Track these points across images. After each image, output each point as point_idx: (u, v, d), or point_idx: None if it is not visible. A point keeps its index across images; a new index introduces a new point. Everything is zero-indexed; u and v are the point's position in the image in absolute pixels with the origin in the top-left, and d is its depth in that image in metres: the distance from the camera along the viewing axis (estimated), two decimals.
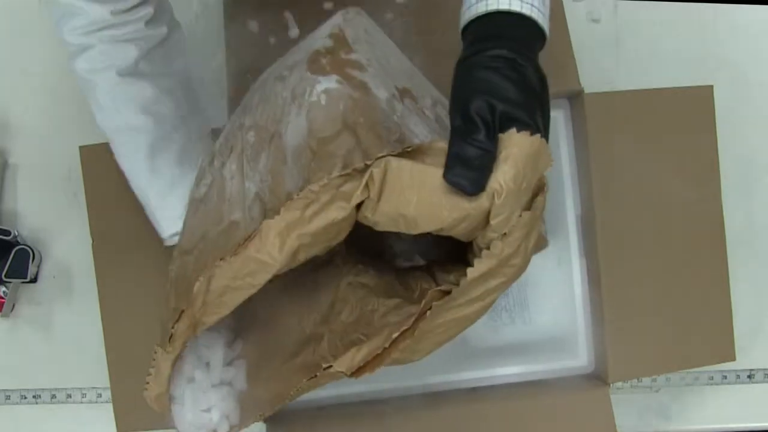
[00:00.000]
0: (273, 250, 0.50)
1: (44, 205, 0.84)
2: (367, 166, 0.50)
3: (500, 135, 0.49)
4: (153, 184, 0.67)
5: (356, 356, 0.56)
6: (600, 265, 0.78)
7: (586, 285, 0.82)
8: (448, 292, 0.53)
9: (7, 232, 0.80)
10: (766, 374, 0.87)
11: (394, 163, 0.50)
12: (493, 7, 0.52)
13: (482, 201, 0.50)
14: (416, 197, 0.51)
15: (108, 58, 0.63)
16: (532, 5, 0.52)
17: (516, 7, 0.52)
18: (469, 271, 0.51)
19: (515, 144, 0.49)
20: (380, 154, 0.50)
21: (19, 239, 0.82)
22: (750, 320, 0.84)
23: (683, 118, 0.80)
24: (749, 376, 0.87)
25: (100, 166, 0.76)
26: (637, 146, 0.79)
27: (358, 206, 0.51)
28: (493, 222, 0.51)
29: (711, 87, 0.80)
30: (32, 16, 0.85)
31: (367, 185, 0.50)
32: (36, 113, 0.85)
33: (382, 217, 0.52)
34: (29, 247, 0.80)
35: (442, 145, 0.51)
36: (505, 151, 0.49)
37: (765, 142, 0.89)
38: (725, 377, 0.86)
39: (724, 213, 0.80)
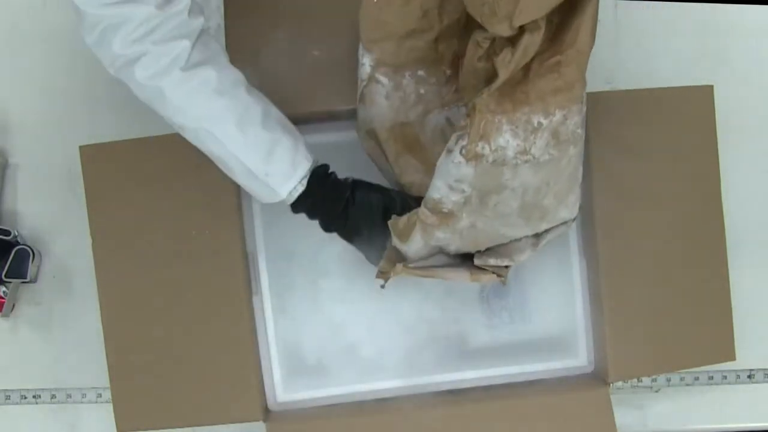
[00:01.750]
0: None
1: (44, 205, 0.84)
2: None
3: None
4: (252, 156, 0.66)
5: None
6: (600, 265, 0.78)
7: (586, 285, 0.82)
8: None
9: (7, 232, 0.80)
10: (766, 374, 0.87)
11: None
12: None
13: None
14: None
15: (165, 59, 0.61)
16: None
17: None
18: None
19: None
20: None
21: (19, 239, 0.82)
22: (750, 320, 0.84)
23: (683, 118, 0.80)
24: (749, 376, 0.87)
25: (100, 166, 0.76)
26: (637, 146, 0.79)
27: None
28: None
29: (711, 87, 0.80)
30: (33, 16, 0.85)
31: None
32: (36, 113, 0.85)
33: None
34: (29, 247, 0.80)
35: None
36: None
37: (765, 142, 0.89)
38: (725, 377, 0.86)
39: (724, 213, 0.80)
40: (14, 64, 0.85)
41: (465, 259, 0.73)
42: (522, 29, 0.60)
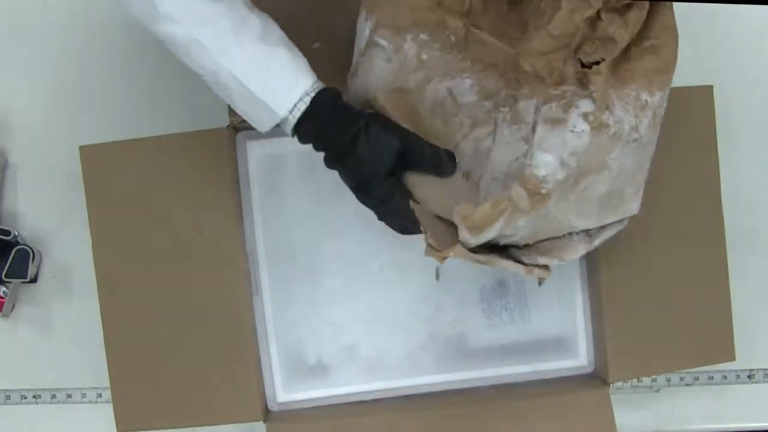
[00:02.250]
0: None
1: (44, 205, 0.84)
2: None
3: None
4: (246, 70, 0.61)
5: None
6: (600, 265, 0.78)
7: (586, 285, 0.82)
8: None
9: (7, 232, 0.80)
10: (766, 374, 0.87)
11: None
12: None
13: None
14: None
15: None
16: None
17: None
18: None
19: None
20: None
21: (19, 239, 0.82)
22: (750, 320, 0.84)
23: (683, 118, 0.80)
24: (749, 376, 0.87)
25: (100, 166, 0.76)
26: None
27: None
28: None
29: (711, 87, 0.80)
30: (33, 16, 0.85)
31: None
32: (36, 113, 0.85)
33: None
34: (29, 247, 0.80)
35: None
36: None
37: (765, 141, 0.89)
38: (725, 377, 0.86)
39: (724, 213, 0.80)
40: (14, 64, 0.85)
41: (494, 251, 0.68)
42: (630, 5, 0.61)
